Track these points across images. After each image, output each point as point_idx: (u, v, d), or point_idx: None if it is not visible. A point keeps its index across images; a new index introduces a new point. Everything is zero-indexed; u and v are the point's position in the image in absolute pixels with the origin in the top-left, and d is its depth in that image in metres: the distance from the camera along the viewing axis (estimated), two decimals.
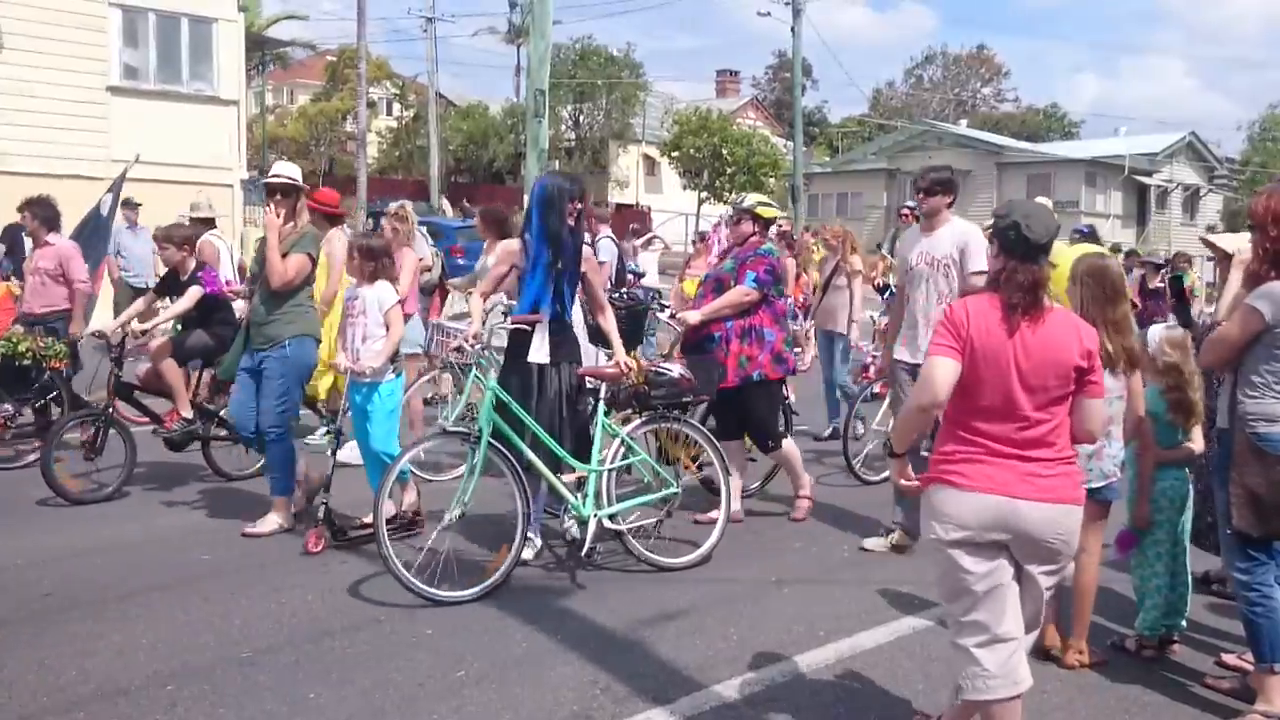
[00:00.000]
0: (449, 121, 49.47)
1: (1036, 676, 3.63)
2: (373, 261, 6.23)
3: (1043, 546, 3.42)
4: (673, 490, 6.10)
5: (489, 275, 6.41)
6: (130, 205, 13.50)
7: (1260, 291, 4.10)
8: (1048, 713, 4.24)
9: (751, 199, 7.12)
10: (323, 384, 7.54)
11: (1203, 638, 5.06)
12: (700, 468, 6.81)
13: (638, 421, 6.16)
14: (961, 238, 6.06)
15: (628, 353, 6.65)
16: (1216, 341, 4.27)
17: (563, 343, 5.85)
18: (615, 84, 48.69)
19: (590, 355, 6.65)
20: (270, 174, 6.74)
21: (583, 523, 5.81)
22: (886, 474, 7.59)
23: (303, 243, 6.51)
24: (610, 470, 5.91)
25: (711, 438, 6.38)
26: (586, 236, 7.07)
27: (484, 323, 6.34)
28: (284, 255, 6.38)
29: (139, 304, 7.88)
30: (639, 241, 17.80)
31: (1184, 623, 4.90)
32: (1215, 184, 46.92)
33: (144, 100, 20.06)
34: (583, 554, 5.80)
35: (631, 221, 39.56)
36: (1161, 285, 13.55)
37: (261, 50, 37.06)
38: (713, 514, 6.46)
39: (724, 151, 40.30)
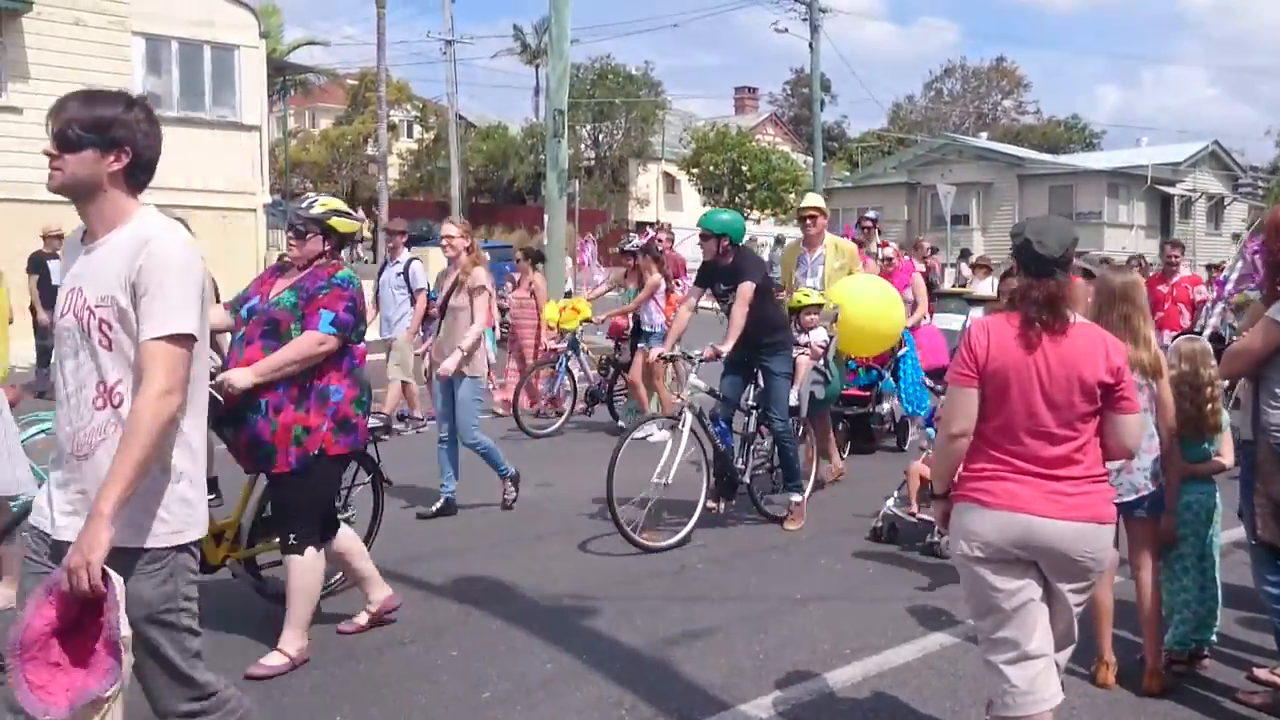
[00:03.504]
0: (469, 143, 49.78)
1: (1064, 692, 3.60)
2: None
3: (1070, 564, 3.40)
4: None
5: None
6: None
7: None
8: None
9: (321, 205, 5.03)
10: None
11: (1233, 652, 5.01)
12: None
13: None
14: (132, 256, 2.82)
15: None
16: (1238, 353, 4.29)
17: None
18: (634, 102, 48.93)
19: None
20: None
21: None
22: (670, 540, 6.72)
23: None
24: None
25: None
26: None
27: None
28: None
29: None
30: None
31: (1214, 637, 4.85)
32: (1240, 192, 46.64)
33: (167, 127, 19.48)
34: None
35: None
36: None
37: (283, 75, 37.39)
38: (359, 619, 5.26)
39: (743, 168, 40.42)
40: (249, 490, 5.21)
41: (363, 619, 5.25)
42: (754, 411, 7.47)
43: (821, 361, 7.88)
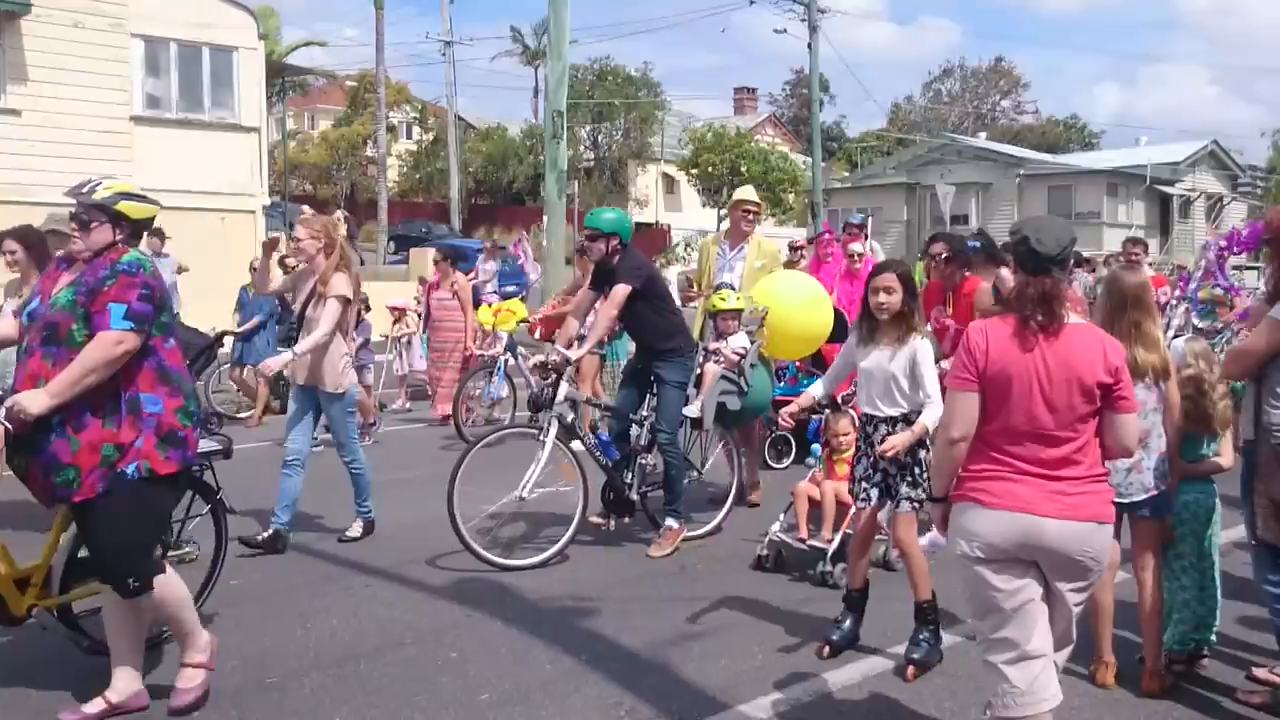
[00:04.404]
0: (468, 144, 49.84)
1: (1064, 692, 3.60)
2: None
3: (1070, 564, 3.40)
4: None
5: None
6: (158, 234, 13.66)
7: None
8: None
9: (107, 188, 4.21)
10: None
11: (1233, 651, 5.01)
12: None
13: None
14: None
15: None
16: (1241, 353, 4.29)
17: None
18: (633, 103, 48.94)
19: None
20: None
21: None
22: (536, 559, 6.33)
23: None
24: None
25: None
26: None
27: None
28: None
29: None
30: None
31: (1213, 636, 4.85)
32: (1239, 192, 46.62)
33: (167, 129, 20.30)
34: None
35: (657, 240, 39.61)
36: None
37: (282, 77, 37.44)
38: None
39: (742, 168, 40.42)
40: (60, 527, 4.45)
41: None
42: (646, 423, 6.93)
43: (736, 370, 7.07)
